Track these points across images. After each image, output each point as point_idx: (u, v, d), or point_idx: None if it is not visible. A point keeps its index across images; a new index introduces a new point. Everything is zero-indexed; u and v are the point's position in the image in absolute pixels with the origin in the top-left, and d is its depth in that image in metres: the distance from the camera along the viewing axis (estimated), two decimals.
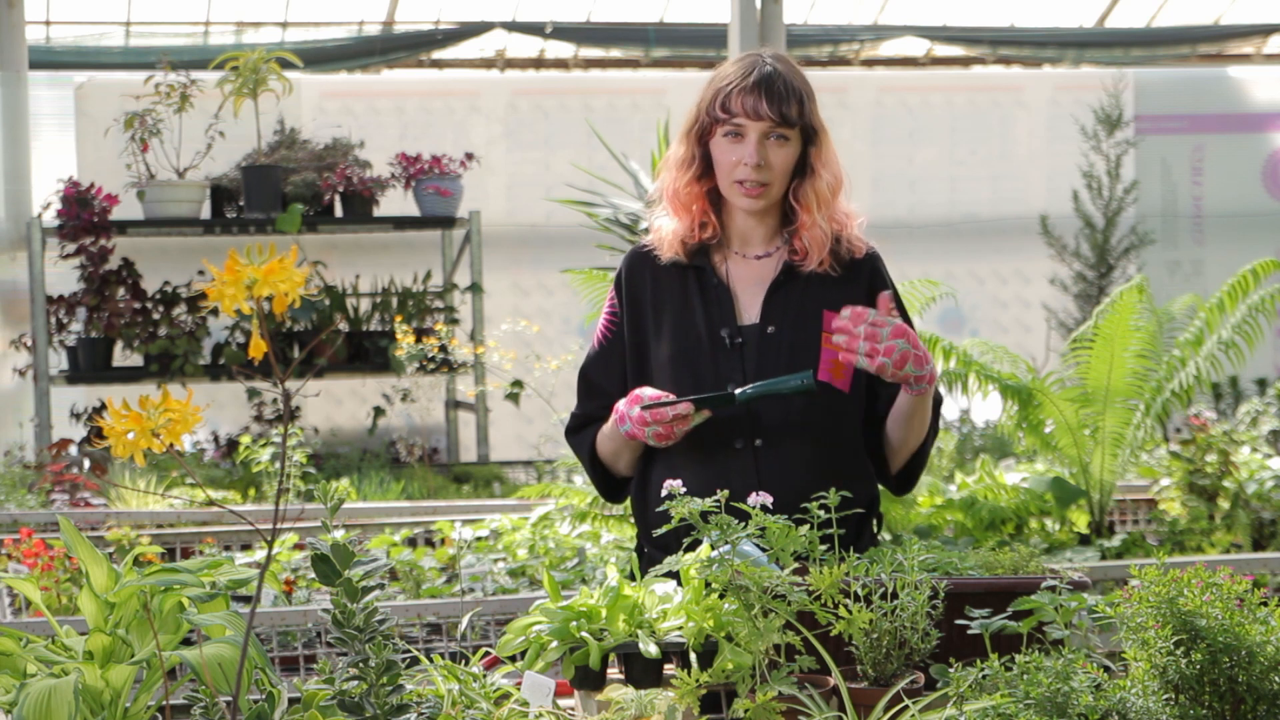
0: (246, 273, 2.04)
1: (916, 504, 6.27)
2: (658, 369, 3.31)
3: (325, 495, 2.28)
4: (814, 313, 3.29)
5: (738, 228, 3.35)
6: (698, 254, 3.34)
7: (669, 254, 3.33)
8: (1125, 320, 6.32)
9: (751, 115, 3.22)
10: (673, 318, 3.33)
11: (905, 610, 2.48)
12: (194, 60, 9.79)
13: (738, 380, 3.26)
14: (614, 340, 3.37)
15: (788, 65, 3.28)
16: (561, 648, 2.57)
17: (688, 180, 3.32)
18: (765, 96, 3.21)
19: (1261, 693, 2.22)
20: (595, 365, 3.40)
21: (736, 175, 3.25)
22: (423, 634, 5.20)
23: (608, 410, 3.34)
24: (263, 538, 3.66)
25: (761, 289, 3.32)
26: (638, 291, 3.36)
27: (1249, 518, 6.49)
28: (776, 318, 3.29)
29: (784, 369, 3.24)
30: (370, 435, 9.56)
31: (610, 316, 3.39)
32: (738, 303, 3.32)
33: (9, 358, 9.51)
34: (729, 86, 3.24)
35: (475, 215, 9.29)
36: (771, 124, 3.22)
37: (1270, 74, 12.30)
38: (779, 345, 3.27)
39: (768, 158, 3.23)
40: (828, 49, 12.75)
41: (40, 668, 2.27)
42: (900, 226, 10.94)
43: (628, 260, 3.40)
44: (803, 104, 3.24)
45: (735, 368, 3.27)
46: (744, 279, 3.34)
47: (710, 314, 3.30)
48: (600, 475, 3.42)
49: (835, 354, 3.21)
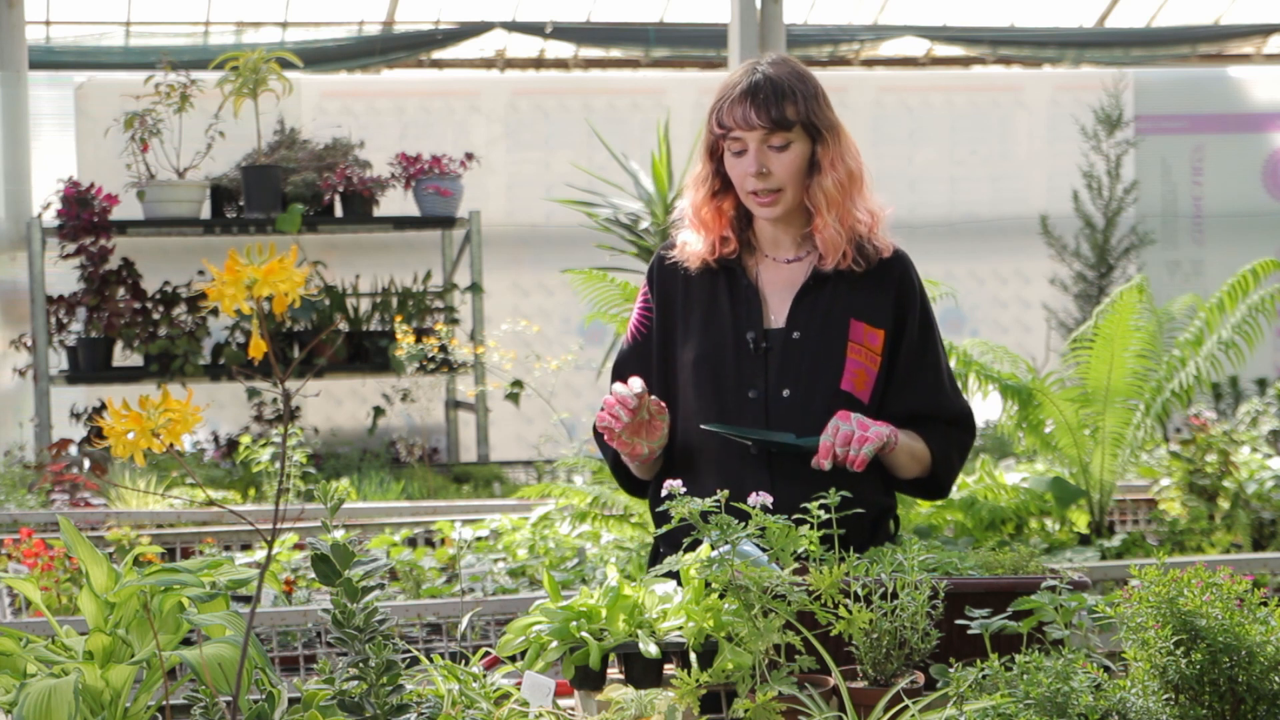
0: (246, 273, 2.04)
1: (916, 504, 6.27)
2: (681, 369, 3.30)
3: (325, 495, 2.28)
4: (840, 320, 3.26)
5: (767, 234, 3.33)
6: (729, 259, 3.32)
7: (696, 265, 3.32)
8: (1125, 320, 6.32)
9: (744, 125, 3.20)
10: (701, 319, 3.30)
11: (905, 610, 2.48)
12: (194, 60, 9.78)
13: (759, 387, 3.24)
14: (647, 337, 3.35)
15: (783, 67, 3.24)
16: (561, 648, 2.57)
17: (704, 197, 3.30)
18: (753, 104, 3.19)
19: (1261, 693, 2.22)
20: (629, 361, 3.37)
21: (746, 187, 3.24)
22: (423, 634, 5.20)
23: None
24: (263, 538, 3.66)
25: (790, 293, 3.30)
26: (670, 290, 3.34)
27: (1249, 518, 6.49)
28: (802, 323, 3.27)
29: (806, 375, 3.23)
30: (370, 435, 9.56)
31: (644, 312, 3.37)
32: (766, 306, 3.30)
33: (9, 358, 9.51)
34: (721, 101, 3.23)
35: (475, 215, 9.28)
36: (765, 131, 3.19)
37: (1270, 74, 12.30)
38: (802, 351, 3.25)
39: (769, 164, 3.21)
40: (828, 49, 12.75)
41: (40, 668, 2.27)
42: (900, 226, 10.83)
43: (659, 258, 3.38)
44: (798, 104, 3.20)
45: (758, 372, 3.25)
46: (774, 282, 3.32)
47: (738, 315, 3.28)
48: (622, 473, 3.41)
49: (859, 362, 3.20)
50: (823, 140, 3.24)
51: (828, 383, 3.24)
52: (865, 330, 3.27)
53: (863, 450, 3.10)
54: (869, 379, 3.25)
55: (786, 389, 3.24)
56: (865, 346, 3.26)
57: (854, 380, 3.24)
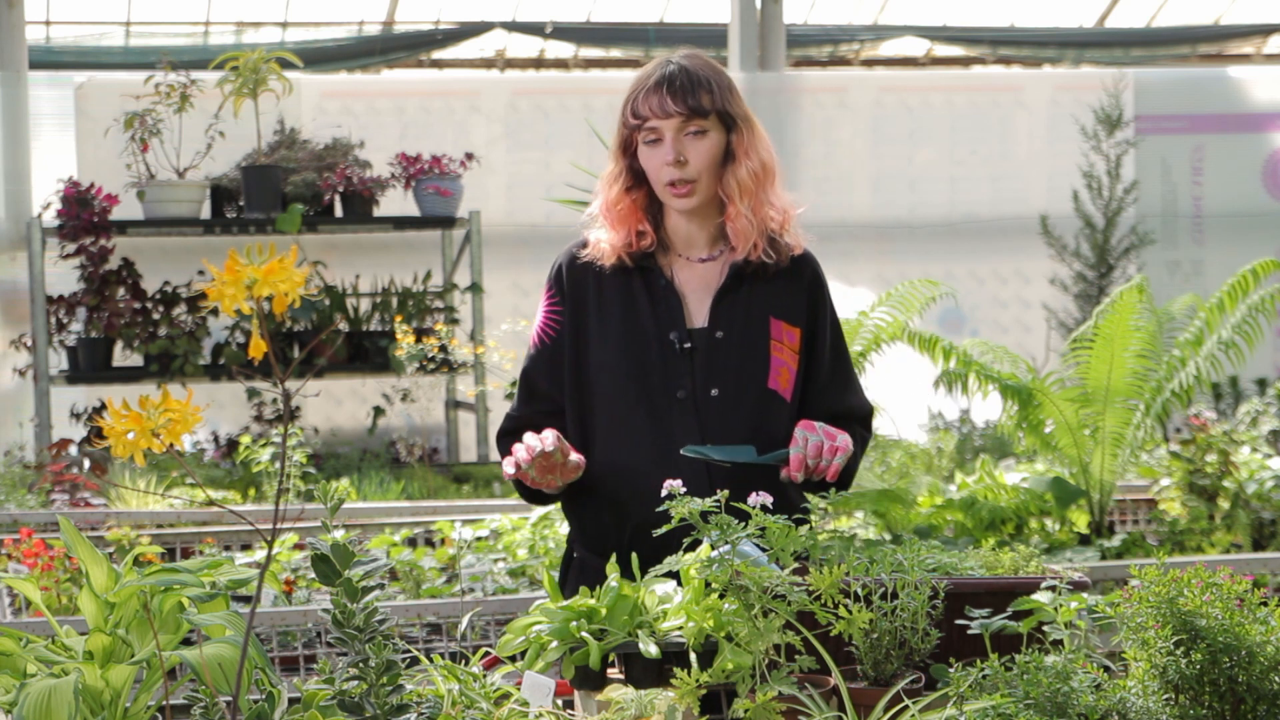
0: (246, 273, 2.04)
1: (916, 504, 6.27)
2: (599, 370, 3.27)
3: (325, 495, 2.28)
4: (760, 318, 3.28)
5: (680, 232, 3.33)
6: (644, 257, 3.31)
7: (611, 261, 3.31)
8: (1125, 320, 6.32)
9: (660, 114, 3.21)
10: (618, 319, 3.29)
11: (905, 610, 2.48)
12: (194, 60, 9.79)
13: (686, 386, 3.24)
14: (556, 341, 3.33)
15: (695, 60, 3.26)
16: (561, 648, 2.57)
17: (618, 193, 3.30)
18: (669, 92, 3.20)
19: (1261, 693, 2.22)
20: (538, 367, 3.35)
21: (663, 178, 3.24)
22: (423, 634, 5.20)
23: (548, 416, 3.30)
24: (263, 538, 3.66)
25: (708, 293, 3.30)
26: (580, 291, 3.32)
27: (1249, 518, 6.49)
28: (725, 323, 3.27)
29: (734, 375, 3.24)
30: (370, 435, 9.56)
31: (552, 316, 3.34)
32: (686, 305, 3.30)
33: (9, 358, 9.51)
34: (636, 93, 3.24)
35: (475, 215, 9.28)
36: (682, 118, 3.20)
37: (1270, 74, 12.30)
38: (729, 351, 3.26)
39: (686, 153, 3.21)
40: (828, 49, 12.76)
41: (40, 668, 2.27)
42: (900, 226, 10.95)
43: (568, 258, 3.36)
44: (713, 93, 3.22)
45: (684, 372, 3.25)
46: (691, 282, 3.32)
47: (659, 315, 3.28)
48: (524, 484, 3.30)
49: (782, 360, 3.21)
50: (737, 130, 3.25)
51: (756, 382, 3.25)
52: (784, 329, 3.29)
53: (835, 460, 3.12)
54: (791, 377, 3.27)
55: (715, 388, 3.25)
56: (786, 345, 3.28)
57: (778, 379, 3.26)
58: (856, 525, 6.22)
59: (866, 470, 6.43)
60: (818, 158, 10.82)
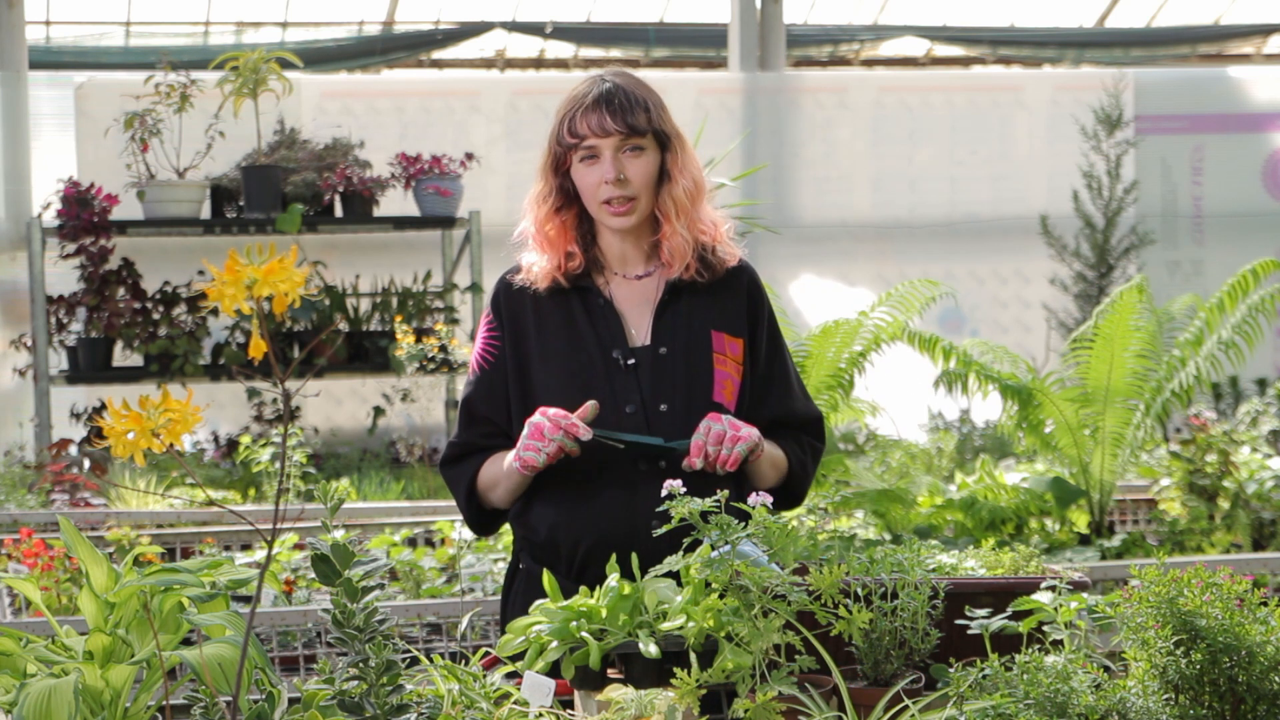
0: (246, 273, 2.04)
1: (916, 504, 6.28)
2: (544, 392, 3.24)
3: (325, 495, 2.28)
4: (702, 332, 3.27)
5: (613, 250, 3.31)
6: (578, 278, 3.30)
7: (546, 284, 3.29)
8: (1125, 320, 6.32)
9: (599, 132, 3.20)
10: (560, 340, 3.27)
11: (905, 610, 2.48)
12: (194, 60, 9.79)
13: (634, 402, 3.22)
14: (496, 366, 3.31)
15: (628, 79, 3.26)
16: (561, 648, 2.57)
17: (548, 213, 3.30)
18: (608, 111, 3.19)
19: (1261, 693, 2.22)
20: (478, 393, 3.34)
21: (601, 196, 3.22)
22: (423, 634, 5.20)
23: (490, 439, 3.30)
24: (263, 538, 3.66)
25: (647, 309, 3.29)
26: (519, 314, 3.31)
27: (1249, 518, 6.50)
28: (667, 339, 3.26)
29: (681, 390, 3.23)
30: (370, 435, 9.56)
31: (490, 342, 3.32)
32: (625, 323, 3.29)
33: (9, 358, 9.52)
34: (572, 111, 3.22)
35: (475, 215, 9.28)
36: (621, 136, 3.19)
37: (1270, 74, 12.30)
38: (674, 367, 3.25)
39: (626, 171, 3.20)
40: (828, 49, 12.76)
41: (40, 668, 2.27)
42: (900, 226, 10.94)
43: (504, 283, 3.35)
44: (649, 112, 3.22)
45: (631, 388, 3.23)
46: (628, 299, 3.31)
47: (600, 334, 3.26)
48: (474, 509, 3.33)
49: (726, 373, 3.21)
50: (671, 149, 3.25)
51: (702, 396, 3.24)
52: (726, 340, 3.28)
53: (735, 449, 3.10)
54: (735, 389, 3.27)
55: (663, 404, 3.23)
56: (729, 357, 3.28)
57: (723, 391, 3.25)
58: (856, 525, 6.22)
59: (866, 470, 6.43)
60: (818, 158, 10.82)
